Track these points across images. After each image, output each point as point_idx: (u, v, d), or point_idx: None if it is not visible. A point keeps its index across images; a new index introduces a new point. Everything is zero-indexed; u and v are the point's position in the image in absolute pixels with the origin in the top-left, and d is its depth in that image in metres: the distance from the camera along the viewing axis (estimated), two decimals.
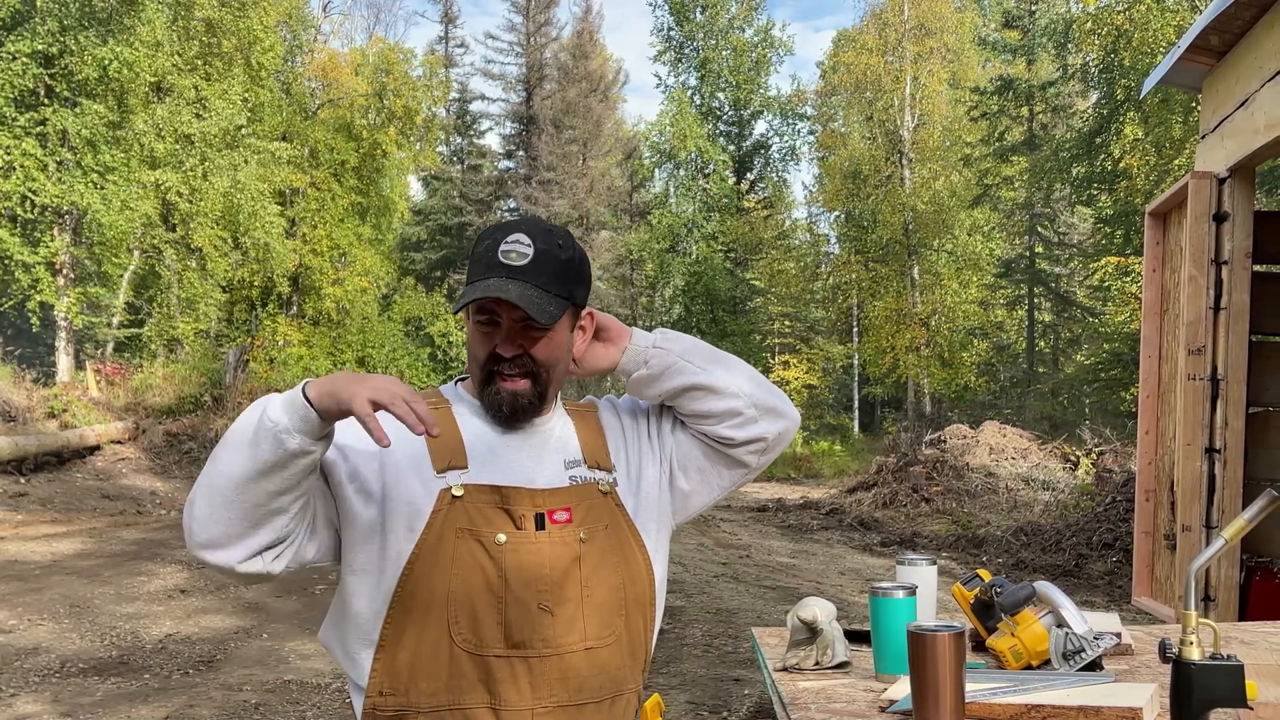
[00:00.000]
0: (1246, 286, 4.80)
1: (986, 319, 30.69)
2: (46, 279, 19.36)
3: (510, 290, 1.55)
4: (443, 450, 1.59)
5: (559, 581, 1.56)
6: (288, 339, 27.35)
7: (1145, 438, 5.71)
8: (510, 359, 1.59)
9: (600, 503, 1.64)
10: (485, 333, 1.60)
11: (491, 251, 1.59)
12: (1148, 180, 18.86)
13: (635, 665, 1.65)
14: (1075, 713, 1.64)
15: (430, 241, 39.68)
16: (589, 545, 1.60)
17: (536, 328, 1.59)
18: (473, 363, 1.65)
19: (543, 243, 1.60)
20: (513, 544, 1.55)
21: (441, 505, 1.55)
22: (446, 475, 1.57)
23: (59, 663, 5.76)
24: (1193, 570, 1.50)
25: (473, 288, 1.58)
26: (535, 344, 1.60)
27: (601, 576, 1.60)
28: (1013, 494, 13.91)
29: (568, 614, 1.56)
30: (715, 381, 1.68)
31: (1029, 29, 29.24)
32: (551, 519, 1.58)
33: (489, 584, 1.53)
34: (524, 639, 1.53)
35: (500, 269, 1.58)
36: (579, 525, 1.60)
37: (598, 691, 1.59)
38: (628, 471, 1.71)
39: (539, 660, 1.54)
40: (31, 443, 12.45)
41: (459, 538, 1.53)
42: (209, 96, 21.67)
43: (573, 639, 1.56)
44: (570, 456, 1.67)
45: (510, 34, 39.29)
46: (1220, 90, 5.11)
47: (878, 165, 30.32)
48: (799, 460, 24.00)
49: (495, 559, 1.54)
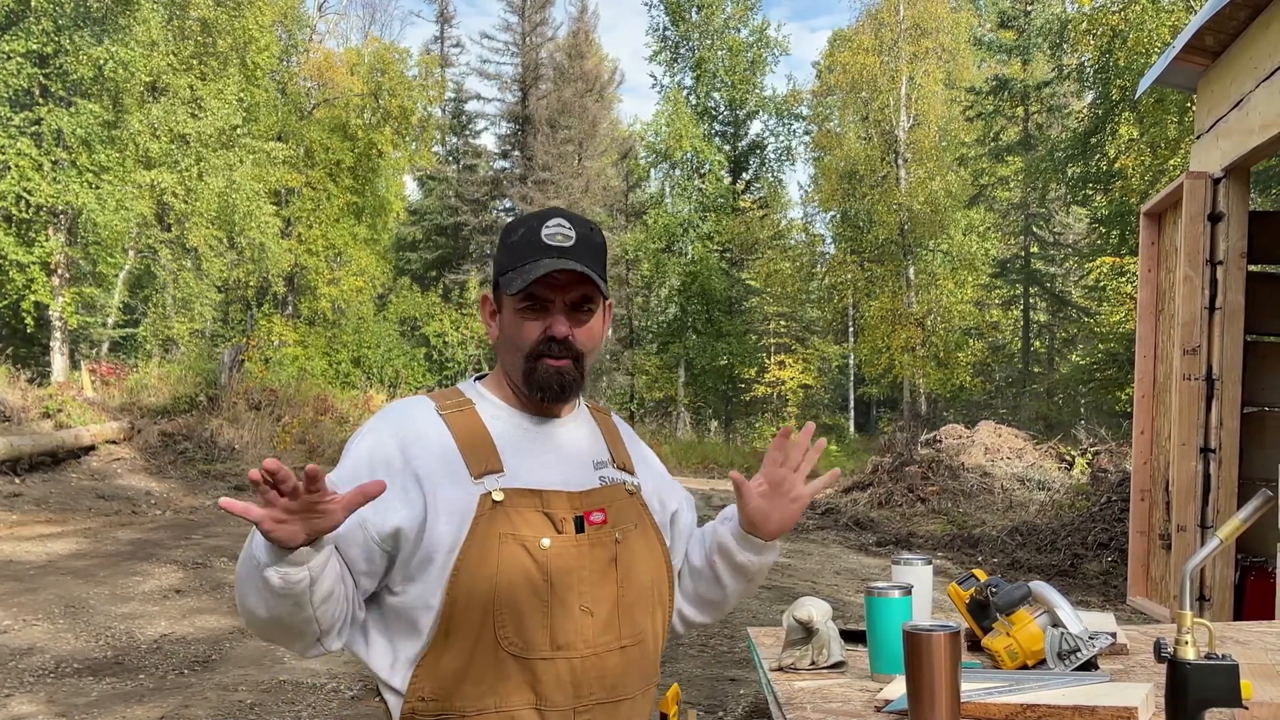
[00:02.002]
0: (1241, 286, 4.81)
1: (982, 319, 30.71)
2: (41, 279, 19.33)
3: (572, 265, 1.57)
4: (476, 455, 1.59)
5: (598, 583, 1.58)
6: (283, 339, 27.32)
7: (1140, 437, 5.72)
8: (562, 340, 1.60)
9: (628, 503, 1.67)
10: (532, 318, 1.61)
11: (534, 236, 1.60)
12: (1143, 180, 18.87)
13: (657, 660, 1.70)
14: (1070, 712, 1.64)
15: (426, 241, 39.62)
16: (623, 545, 1.63)
17: (585, 310, 1.62)
18: (514, 351, 1.64)
19: (581, 227, 1.63)
20: (556, 548, 1.56)
21: (483, 510, 1.54)
22: (484, 480, 1.57)
23: (54, 663, 5.74)
24: (1188, 570, 1.50)
25: (530, 267, 1.58)
26: (582, 327, 1.62)
27: (634, 576, 1.63)
28: (1008, 494, 13.92)
29: (605, 614, 1.58)
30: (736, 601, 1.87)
31: (1024, 29, 29.28)
32: (589, 520, 1.60)
33: (534, 587, 1.54)
34: (568, 641, 1.55)
35: (551, 250, 1.59)
36: (614, 526, 1.62)
37: (632, 688, 1.62)
38: (649, 477, 1.77)
39: (580, 660, 1.55)
40: (26, 443, 12.42)
41: (502, 542, 1.53)
42: (204, 96, 21.63)
43: (609, 639, 1.59)
44: (598, 457, 1.69)
45: (506, 34, 39.26)
46: (1215, 90, 5.12)
47: (873, 165, 30.34)
48: None
49: (540, 563, 1.54)
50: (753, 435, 30.63)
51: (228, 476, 13.64)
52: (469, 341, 32.45)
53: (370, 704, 5.17)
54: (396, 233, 37.19)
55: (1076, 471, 14.68)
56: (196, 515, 11.59)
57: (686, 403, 33.41)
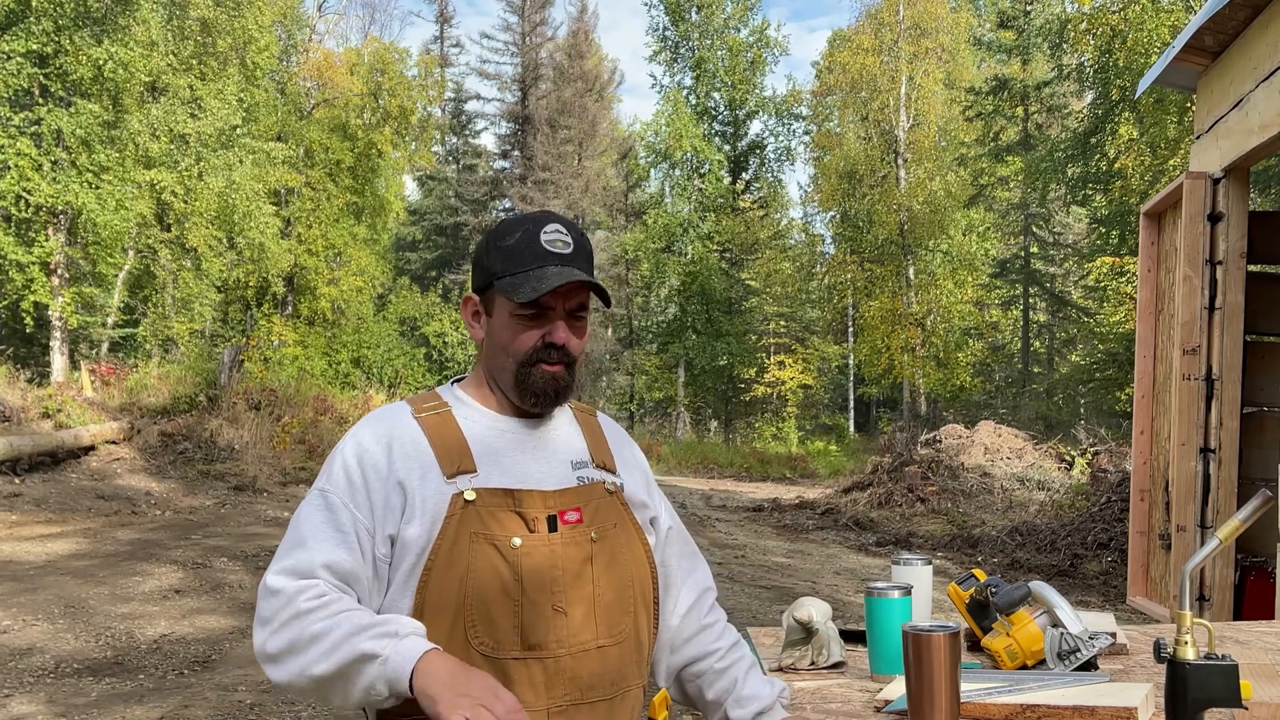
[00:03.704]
0: (1241, 286, 4.81)
1: (982, 319, 30.72)
2: (41, 279, 19.32)
3: (582, 276, 1.59)
4: (449, 455, 1.59)
5: (572, 583, 1.57)
6: (283, 339, 27.32)
7: (1140, 438, 5.72)
8: (560, 347, 1.61)
9: (608, 502, 1.66)
10: (530, 324, 1.61)
11: (533, 241, 1.61)
12: (1143, 180, 18.88)
13: (641, 661, 1.67)
14: (1070, 712, 1.64)
15: (425, 241, 39.67)
16: (600, 545, 1.61)
17: (579, 316, 1.64)
18: (506, 356, 1.63)
19: (575, 233, 1.65)
20: (527, 547, 1.55)
21: (455, 510, 1.54)
22: (456, 480, 1.57)
23: (54, 663, 5.74)
24: (1187, 570, 1.50)
25: (537, 275, 1.58)
26: (577, 334, 1.64)
27: (612, 576, 1.62)
28: (1008, 494, 13.92)
29: (580, 614, 1.57)
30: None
31: (1024, 29, 29.28)
32: (563, 520, 1.58)
33: (504, 587, 1.53)
34: (539, 640, 1.54)
35: (552, 257, 1.60)
36: (589, 525, 1.61)
37: (609, 689, 1.60)
38: (630, 477, 1.75)
39: (553, 661, 1.54)
40: (26, 443, 12.42)
41: (473, 542, 1.53)
42: (204, 96, 21.62)
43: (585, 639, 1.57)
44: (576, 457, 1.68)
45: (505, 34, 39.32)
46: (1215, 90, 5.12)
47: (873, 165, 30.34)
48: (794, 460, 24.02)
49: (510, 562, 1.53)
50: (752, 435, 30.64)
51: (227, 476, 13.64)
52: (469, 342, 32.46)
53: None
54: (396, 233, 37.22)
55: (1076, 471, 14.69)
56: (196, 515, 11.59)
57: (686, 403, 33.41)
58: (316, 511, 1.56)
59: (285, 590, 1.49)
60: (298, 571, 1.51)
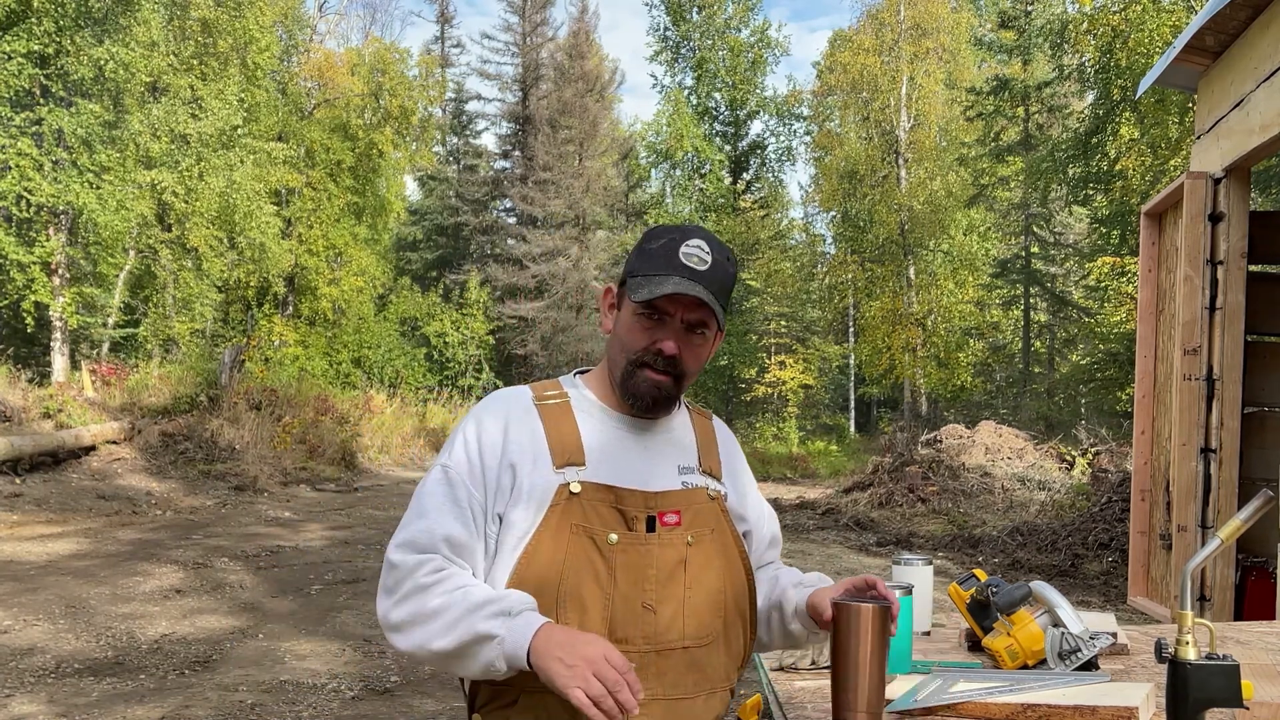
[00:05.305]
0: (1242, 286, 4.80)
1: (982, 319, 30.71)
2: (41, 279, 19.31)
3: (700, 292, 1.60)
4: (561, 446, 1.63)
5: (664, 582, 1.60)
6: (283, 339, 27.33)
7: (1141, 438, 5.71)
8: (669, 357, 1.64)
9: (708, 507, 1.68)
10: (647, 326, 1.64)
11: (671, 251, 1.64)
12: (1143, 181, 18.86)
13: (731, 665, 1.69)
14: (1071, 712, 1.64)
15: (426, 241, 39.65)
16: (695, 548, 1.64)
17: (699, 333, 1.66)
18: (621, 350, 1.68)
19: (718, 253, 1.66)
20: (624, 544, 1.59)
21: (559, 500, 1.59)
22: (565, 471, 1.61)
23: (54, 663, 5.74)
24: (1188, 570, 1.50)
25: (660, 281, 1.61)
26: (692, 349, 1.66)
27: (704, 579, 1.64)
28: (1008, 494, 13.91)
29: (669, 613, 1.60)
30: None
31: (1025, 29, 29.25)
32: (661, 521, 1.62)
33: (598, 580, 1.57)
34: (626, 635, 1.57)
35: (683, 269, 1.62)
36: (687, 529, 1.64)
37: (693, 688, 1.63)
38: (734, 488, 1.77)
39: (639, 655, 1.57)
40: (27, 443, 12.42)
41: (573, 533, 1.58)
42: (205, 96, 21.63)
43: (671, 637, 1.60)
44: (685, 460, 1.72)
45: (506, 34, 39.29)
46: (1215, 91, 5.11)
47: (874, 165, 30.34)
48: (795, 460, 24.03)
49: (606, 557, 1.58)
50: (753, 435, 30.61)
51: (228, 476, 13.64)
52: (469, 342, 32.47)
53: (370, 704, 5.17)
54: (397, 233, 37.22)
55: (1077, 471, 14.68)
56: (197, 515, 11.60)
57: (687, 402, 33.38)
58: (439, 486, 1.62)
59: (406, 563, 1.57)
60: (417, 544, 1.58)
